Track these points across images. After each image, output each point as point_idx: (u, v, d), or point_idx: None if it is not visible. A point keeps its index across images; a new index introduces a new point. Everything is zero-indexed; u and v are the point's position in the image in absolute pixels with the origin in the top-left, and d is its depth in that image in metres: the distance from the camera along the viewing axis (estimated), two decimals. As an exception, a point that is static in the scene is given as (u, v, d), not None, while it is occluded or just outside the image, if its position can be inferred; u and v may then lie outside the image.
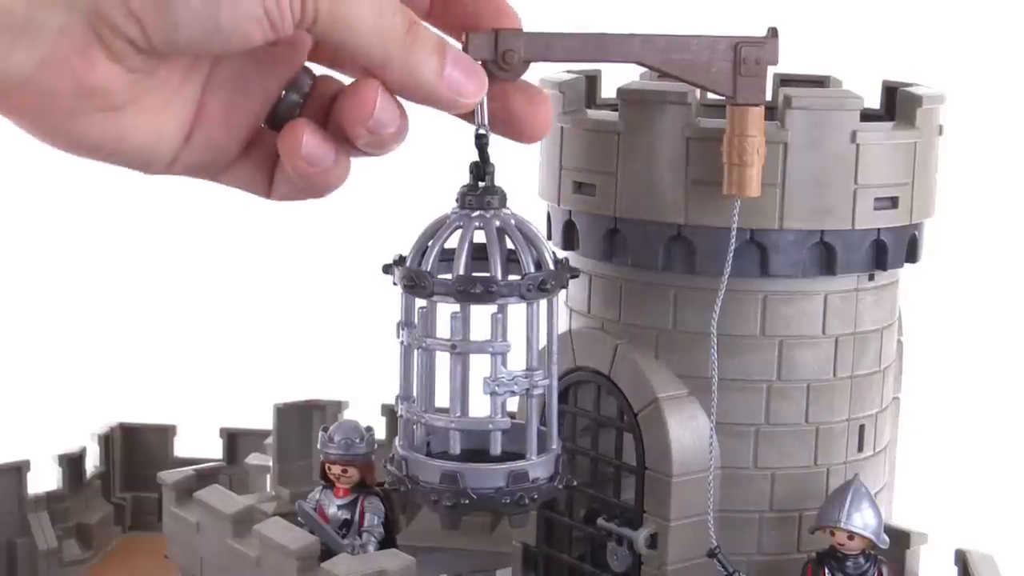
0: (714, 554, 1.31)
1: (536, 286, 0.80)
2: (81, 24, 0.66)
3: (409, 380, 0.84)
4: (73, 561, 1.93)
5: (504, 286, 0.79)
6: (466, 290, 0.80)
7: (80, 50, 0.67)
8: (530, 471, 0.81)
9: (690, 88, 1.29)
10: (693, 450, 1.34)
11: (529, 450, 0.82)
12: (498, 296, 0.79)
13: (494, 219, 0.81)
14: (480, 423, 0.82)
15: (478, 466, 0.80)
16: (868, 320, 1.41)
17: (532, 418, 0.82)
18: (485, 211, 0.81)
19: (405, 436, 0.84)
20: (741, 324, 1.35)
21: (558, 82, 1.41)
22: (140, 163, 0.74)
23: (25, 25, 0.65)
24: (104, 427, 2.11)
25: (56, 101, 0.68)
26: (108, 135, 0.71)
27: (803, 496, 1.40)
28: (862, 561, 1.34)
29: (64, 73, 0.67)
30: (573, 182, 1.41)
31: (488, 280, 0.79)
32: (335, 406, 1.95)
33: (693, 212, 1.32)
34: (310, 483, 1.78)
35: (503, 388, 0.81)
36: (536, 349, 0.82)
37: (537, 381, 0.82)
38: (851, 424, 1.42)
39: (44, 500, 1.90)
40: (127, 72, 0.69)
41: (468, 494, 0.80)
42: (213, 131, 0.76)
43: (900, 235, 1.39)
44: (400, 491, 0.84)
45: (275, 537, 1.38)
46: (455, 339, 0.81)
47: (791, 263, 1.34)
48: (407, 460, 0.83)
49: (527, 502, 0.81)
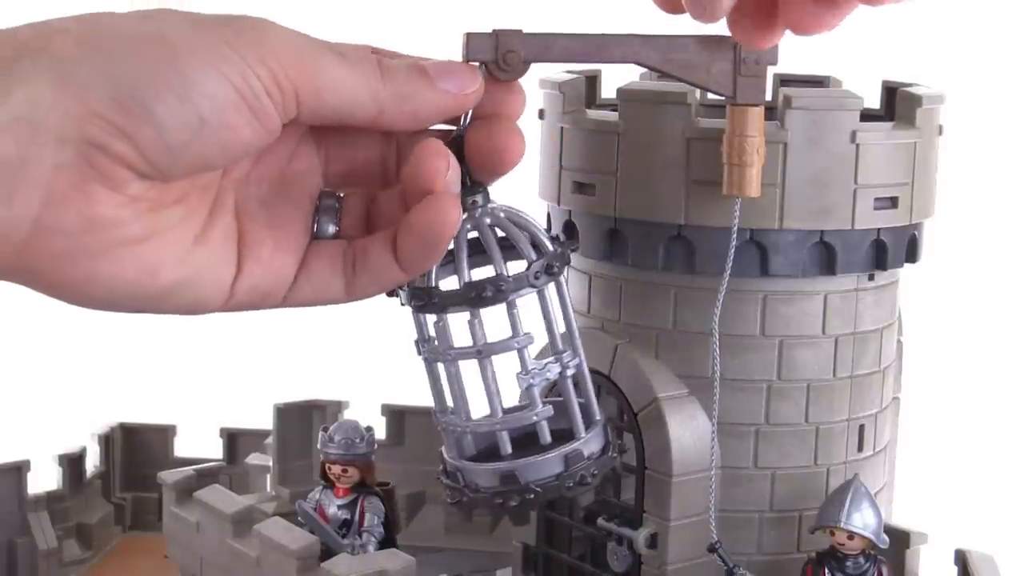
0: (715, 549, 1.31)
1: (543, 271, 0.80)
2: (74, 157, 0.66)
3: (441, 393, 0.84)
4: (73, 561, 1.93)
5: (513, 281, 0.79)
6: (478, 295, 0.79)
7: (78, 184, 0.66)
8: (584, 449, 0.81)
9: (690, 88, 1.29)
10: (693, 450, 1.34)
11: (576, 428, 0.81)
12: (509, 292, 0.79)
13: (483, 217, 0.81)
14: (525, 417, 0.81)
15: (534, 459, 0.80)
16: (868, 320, 1.41)
17: (571, 397, 0.82)
18: (472, 211, 0.81)
19: (454, 447, 0.83)
20: (741, 324, 1.35)
21: (558, 82, 1.42)
22: (189, 300, 0.74)
23: (20, 167, 0.65)
24: (104, 427, 2.11)
25: (71, 242, 0.68)
26: (141, 272, 0.70)
27: (803, 496, 1.40)
28: (862, 561, 1.34)
29: (69, 210, 0.67)
30: (573, 182, 1.41)
31: (496, 280, 0.79)
32: (335, 406, 1.95)
33: (693, 212, 1.33)
34: (310, 483, 1.78)
35: (538, 377, 0.81)
36: (556, 331, 0.83)
37: (568, 362, 0.82)
38: (851, 424, 1.42)
39: (44, 500, 1.90)
40: (131, 201, 0.69)
41: (531, 488, 0.80)
42: (263, 256, 0.76)
43: (900, 235, 1.39)
44: (463, 503, 0.83)
45: (275, 537, 1.38)
46: (479, 344, 0.81)
47: (791, 263, 1.34)
48: (461, 470, 0.82)
49: (590, 480, 0.81)
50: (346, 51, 0.74)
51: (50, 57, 0.66)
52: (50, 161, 0.66)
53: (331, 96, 0.72)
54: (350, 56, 0.73)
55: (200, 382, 2.58)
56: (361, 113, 0.74)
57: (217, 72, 0.68)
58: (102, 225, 0.68)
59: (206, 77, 0.68)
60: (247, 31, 0.70)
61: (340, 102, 0.72)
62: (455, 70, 0.77)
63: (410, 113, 0.75)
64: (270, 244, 0.77)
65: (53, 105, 0.65)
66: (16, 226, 0.66)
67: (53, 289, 0.70)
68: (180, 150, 0.68)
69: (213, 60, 0.68)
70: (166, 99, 0.67)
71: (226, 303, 0.76)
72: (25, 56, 0.65)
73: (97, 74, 0.66)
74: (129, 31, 0.68)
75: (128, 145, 0.67)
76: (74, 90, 0.65)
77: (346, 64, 0.73)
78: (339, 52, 0.73)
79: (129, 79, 0.66)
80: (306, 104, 0.71)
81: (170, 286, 0.72)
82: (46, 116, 0.65)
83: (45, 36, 0.67)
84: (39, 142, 0.65)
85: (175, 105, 0.67)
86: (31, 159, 0.65)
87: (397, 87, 0.74)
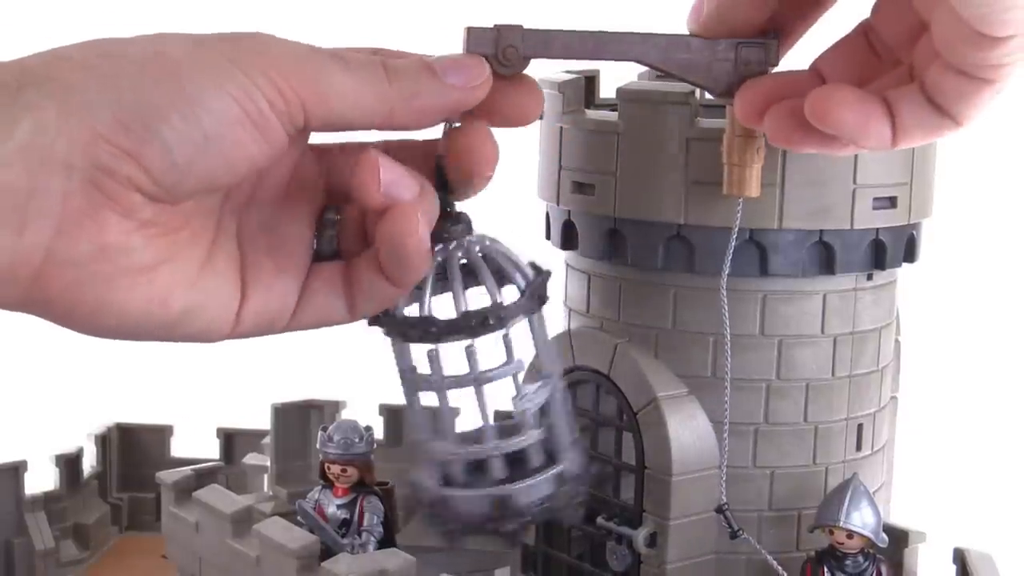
0: (722, 510, 1.31)
1: (537, 298, 0.81)
2: (83, 185, 0.66)
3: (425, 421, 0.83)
4: (70, 561, 1.92)
5: (513, 308, 0.80)
6: (480, 323, 0.79)
7: (88, 212, 0.67)
8: (569, 467, 0.82)
9: (690, 88, 1.30)
10: (693, 449, 1.35)
11: (563, 447, 0.82)
12: (509, 320, 0.80)
13: (472, 246, 0.81)
14: (519, 442, 0.82)
15: (528, 482, 0.81)
16: (866, 319, 1.42)
17: (560, 417, 0.83)
18: (460, 240, 0.81)
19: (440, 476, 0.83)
20: (740, 323, 1.35)
21: (557, 82, 1.42)
22: (199, 327, 0.74)
23: (30, 197, 0.65)
24: (101, 427, 2.11)
25: (83, 271, 0.68)
26: (152, 300, 0.71)
27: (802, 495, 1.40)
28: (861, 560, 1.34)
29: (80, 238, 0.67)
30: (572, 182, 1.41)
31: (497, 308, 0.80)
32: (333, 406, 1.95)
33: (693, 212, 1.33)
34: (308, 483, 1.78)
35: (534, 401, 0.82)
36: (544, 355, 0.83)
37: (555, 385, 0.83)
38: (849, 423, 1.43)
39: (41, 500, 1.90)
40: (141, 227, 0.69)
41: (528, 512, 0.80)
42: (265, 281, 0.76)
43: (898, 235, 1.39)
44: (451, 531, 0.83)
45: (275, 536, 1.38)
46: (475, 373, 0.81)
47: (790, 263, 1.34)
48: (448, 499, 0.82)
49: (575, 499, 0.82)
50: (348, 56, 0.74)
51: (55, 84, 0.66)
52: (59, 189, 0.66)
53: (338, 102, 0.72)
54: (353, 61, 0.73)
55: (196, 382, 2.57)
56: (370, 116, 0.74)
57: (220, 89, 0.68)
58: (113, 253, 0.68)
59: (209, 94, 0.68)
60: (248, 46, 0.71)
61: (348, 107, 0.73)
62: (461, 63, 0.77)
63: (419, 111, 0.75)
64: (272, 269, 0.77)
65: (59, 131, 0.65)
66: (28, 256, 0.66)
67: (65, 320, 0.71)
68: (186, 168, 0.68)
69: (216, 77, 0.68)
70: (170, 118, 0.67)
71: (233, 330, 0.76)
72: (30, 84, 0.66)
73: (101, 98, 0.66)
74: (131, 53, 0.69)
75: (135, 167, 0.67)
76: (79, 115, 0.66)
77: (350, 69, 0.73)
78: (341, 58, 0.73)
79: (133, 100, 0.67)
80: (313, 113, 0.71)
81: (180, 314, 0.73)
82: (53, 143, 0.65)
83: (49, 63, 0.67)
84: (48, 170, 0.65)
85: (179, 123, 0.67)
86: (40, 188, 0.65)
87: (404, 86, 0.74)
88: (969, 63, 0.76)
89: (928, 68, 0.80)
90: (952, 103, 0.80)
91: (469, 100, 0.77)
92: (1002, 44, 0.74)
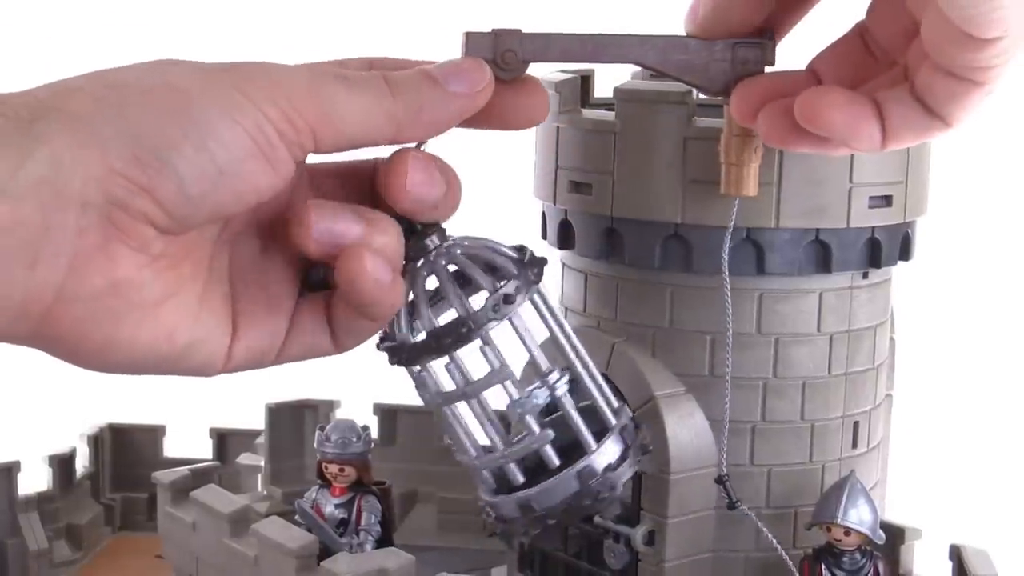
0: (722, 481, 1.32)
1: (502, 302, 0.78)
2: (98, 221, 0.66)
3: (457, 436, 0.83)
4: (64, 562, 1.92)
5: (473, 321, 0.78)
6: (441, 343, 0.78)
7: (101, 247, 0.66)
8: (597, 461, 0.80)
9: (687, 88, 1.30)
10: (690, 447, 1.35)
11: (585, 442, 0.81)
12: (473, 333, 0.78)
13: (438, 259, 0.80)
14: (526, 448, 0.81)
15: (546, 484, 0.79)
16: (862, 317, 1.42)
17: (571, 413, 0.81)
18: (427, 256, 0.80)
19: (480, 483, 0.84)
20: (737, 322, 1.35)
21: (554, 82, 1.42)
22: (199, 362, 0.74)
23: (43, 233, 0.64)
24: (93, 428, 2.11)
25: (94, 308, 0.67)
26: (159, 335, 0.71)
27: (799, 492, 1.40)
28: (858, 557, 1.34)
29: (93, 274, 0.66)
30: (569, 182, 1.41)
31: (457, 323, 0.78)
32: (327, 405, 1.95)
33: (690, 211, 1.33)
34: (302, 483, 1.78)
35: (527, 406, 0.80)
36: (537, 353, 0.82)
37: (554, 382, 0.81)
38: (845, 421, 1.43)
39: (35, 501, 1.90)
40: (152, 261, 0.69)
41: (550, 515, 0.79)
42: (257, 317, 0.76)
43: (894, 233, 1.40)
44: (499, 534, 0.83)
45: (274, 536, 1.38)
46: (463, 387, 0.80)
47: (787, 261, 1.35)
48: (491, 504, 0.82)
49: (607, 494, 0.80)
50: (350, 75, 0.73)
51: (68, 115, 0.65)
52: (74, 225, 0.65)
53: (346, 125, 0.71)
54: (355, 80, 0.73)
55: (189, 382, 2.56)
56: (379, 134, 0.73)
57: (231, 119, 0.67)
58: (124, 288, 0.68)
59: (221, 125, 0.67)
60: (254, 75, 0.70)
61: (356, 129, 0.72)
62: (463, 69, 0.77)
63: (427, 123, 0.75)
64: (263, 304, 0.77)
65: (74, 165, 0.64)
66: (40, 293, 0.65)
67: (73, 356, 0.70)
68: (200, 200, 0.68)
69: (226, 108, 0.68)
70: (184, 151, 0.66)
71: (226, 365, 0.76)
72: (43, 116, 0.65)
73: (115, 131, 0.66)
74: (141, 84, 0.68)
75: (149, 200, 0.66)
76: (93, 148, 0.65)
77: (355, 89, 0.72)
78: (344, 78, 0.72)
79: (147, 134, 0.66)
80: (323, 138, 0.71)
81: (184, 348, 0.72)
82: (69, 178, 0.64)
83: (61, 95, 0.67)
84: (62, 206, 0.64)
85: (192, 156, 0.67)
86: (55, 225, 0.64)
87: (409, 100, 0.73)
88: (958, 65, 0.77)
89: (919, 70, 0.80)
90: (942, 105, 0.80)
91: (473, 106, 0.77)
92: (990, 46, 0.74)
